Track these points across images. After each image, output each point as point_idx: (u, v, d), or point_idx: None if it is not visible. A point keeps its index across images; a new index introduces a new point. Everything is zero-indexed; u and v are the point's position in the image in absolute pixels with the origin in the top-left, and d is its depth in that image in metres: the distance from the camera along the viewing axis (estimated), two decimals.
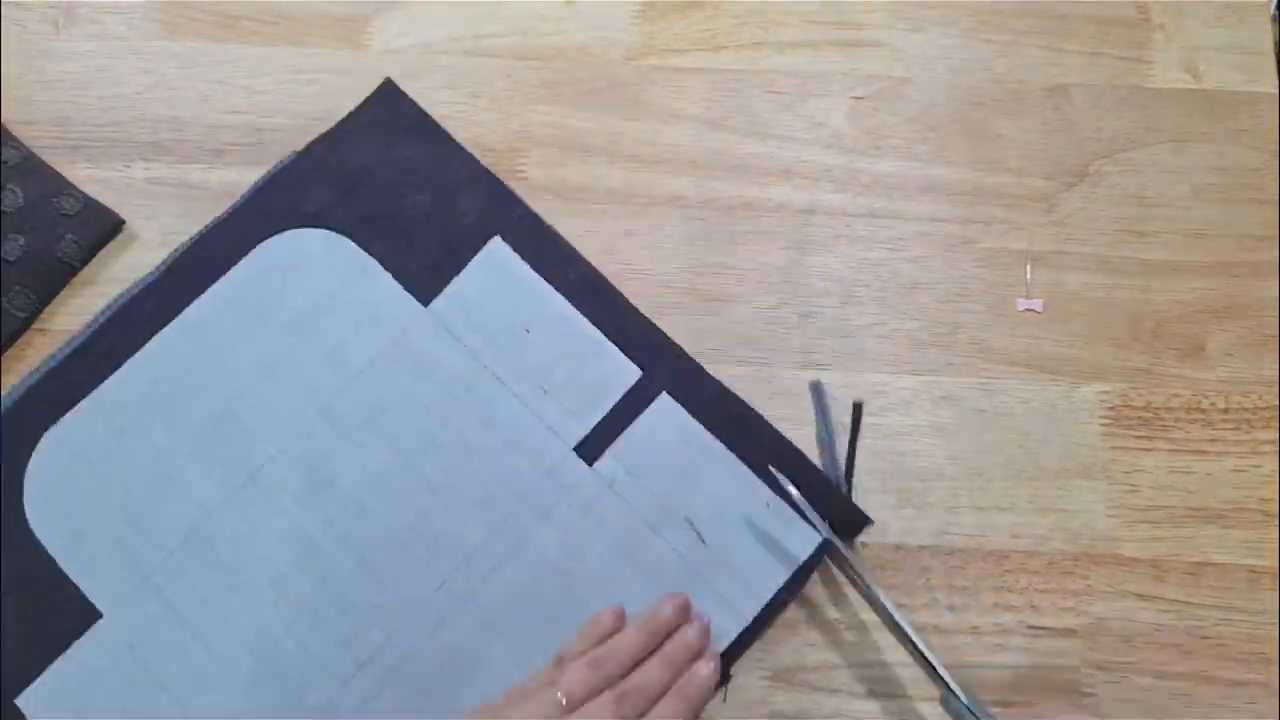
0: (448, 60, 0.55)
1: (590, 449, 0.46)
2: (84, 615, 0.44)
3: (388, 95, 0.53)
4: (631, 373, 0.48)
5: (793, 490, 0.44)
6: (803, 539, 0.45)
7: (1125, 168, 0.53)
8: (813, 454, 0.47)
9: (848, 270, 0.51)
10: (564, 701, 0.38)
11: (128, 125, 0.54)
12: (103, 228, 0.51)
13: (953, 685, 0.40)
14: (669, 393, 0.47)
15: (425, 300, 0.49)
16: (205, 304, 0.49)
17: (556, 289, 0.49)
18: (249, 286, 0.49)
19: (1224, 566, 0.46)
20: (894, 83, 0.55)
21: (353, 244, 0.50)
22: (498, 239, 0.50)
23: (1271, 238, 0.51)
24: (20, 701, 0.42)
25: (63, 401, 0.47)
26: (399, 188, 0.51)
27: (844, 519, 0.46)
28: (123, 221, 0.51)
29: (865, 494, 0.47)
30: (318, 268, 0.50)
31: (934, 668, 0.41)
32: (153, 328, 0.48)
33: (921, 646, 0.41)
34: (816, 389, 0.48)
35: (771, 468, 0.45)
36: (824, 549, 0.45)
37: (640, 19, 0.56)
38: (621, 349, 0.48)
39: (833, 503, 0.45)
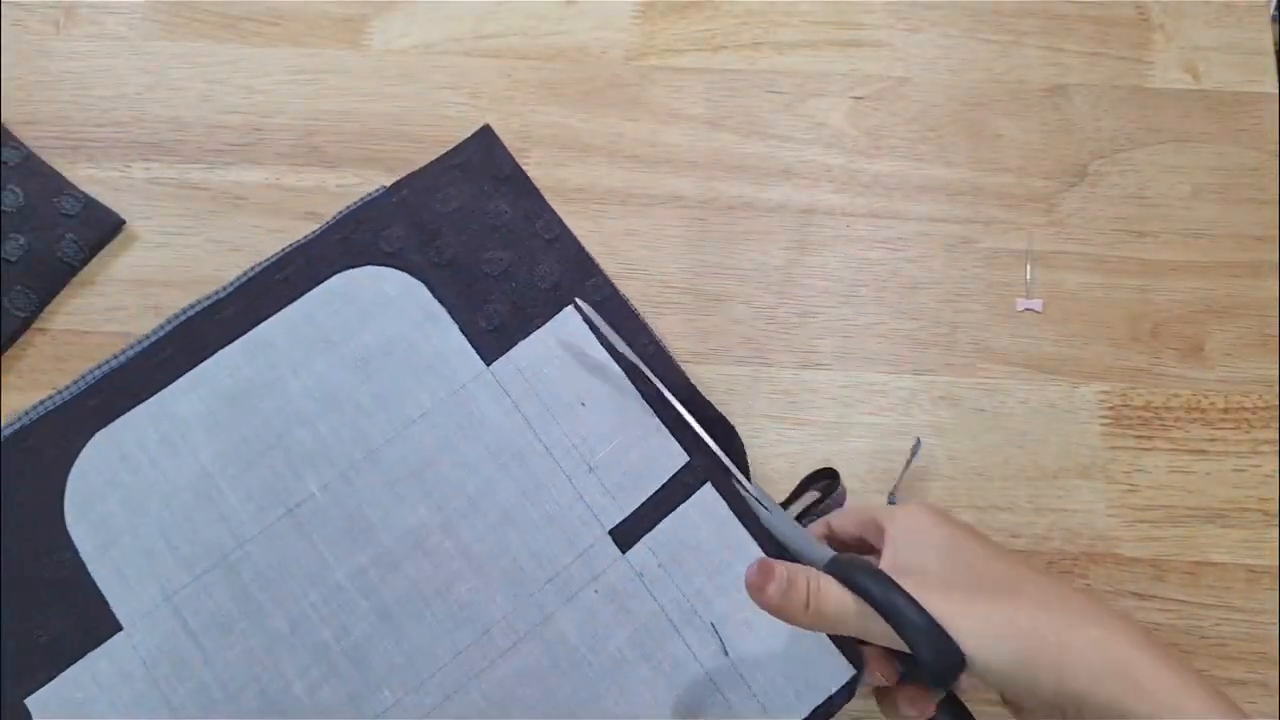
0: (448, 60, 0.55)
1: (626, 533, 0.45)
2: (105, 624, 0.43)
3: (484, 142, 0.53)
4: (678, 457, 0.46)
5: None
6: (833, 669, 0.42)
7: (1125, 168, 0.53)
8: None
9: (847, 270, 0.51)
10: None
11: (128, 125, 0.54)
12: (103, 228, 0.51)
13: (741, 479, 0.43)
14: (713, 483, 0.45)
15: (489, 359, 0.48)
16: (273, 326, 0.48)
17: (619, 364, 0.47)
18: (319, 316, 0.48)
19: (1223, 566, 0.46)
20: (894, 83, 0.55)
21: (427, 290, 0.49)
22: (570, 309, 0.48)
23: (1271, 237, 0.51)
24: (30, 702, 0.42)
25: (118, 403, 0.47)
26: (481, 240, 0.50)
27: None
28: (123, 221, 0.51)
29: (865, 494, 0.47)
30: (390, 309, 0.49)
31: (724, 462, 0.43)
32: (218, 342, 0.48)
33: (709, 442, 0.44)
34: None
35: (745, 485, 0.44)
36: (854, 685, 0.42)
37: (640, 19, 0.56)
38: (671, 429, 0.46)
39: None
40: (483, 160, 0.52)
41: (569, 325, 0.48)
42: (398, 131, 0.54)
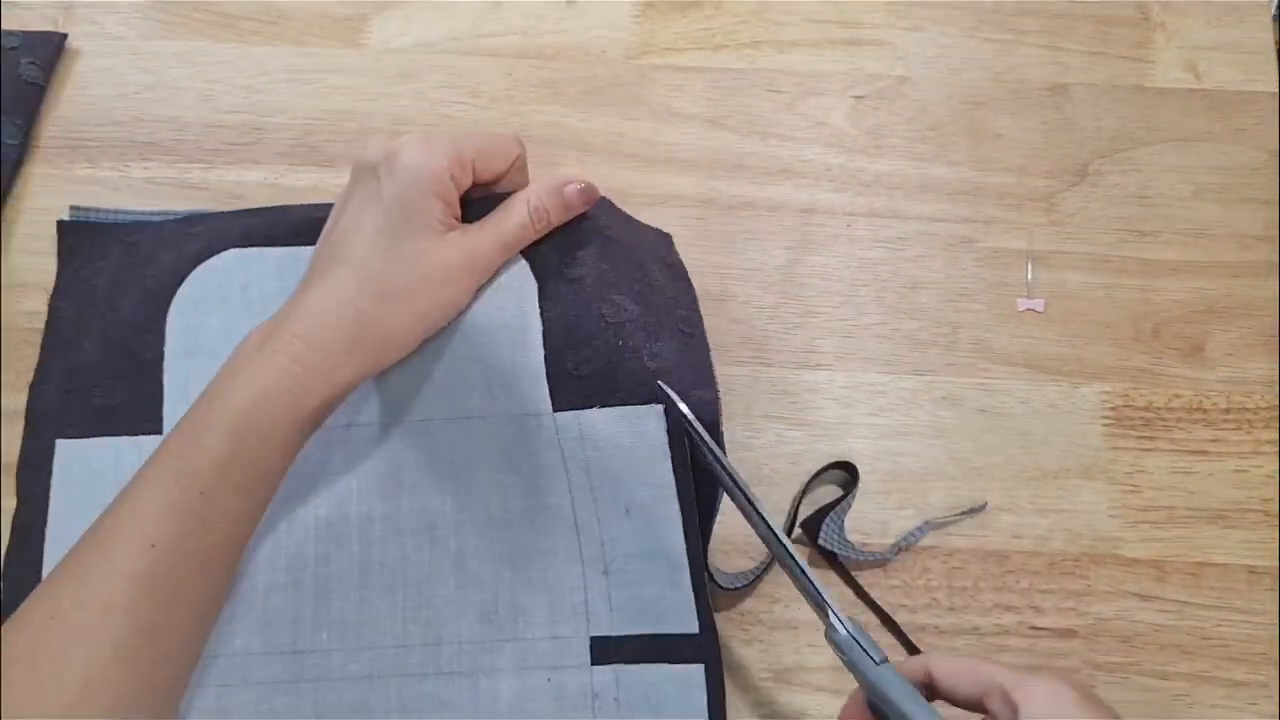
0: (447, 59, 0.55)
1: (605, 649, 0.42)
2: (151, 420, 0.44)
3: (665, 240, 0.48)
4: (689, 625, 0.42)
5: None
6: None
7: (1126, 167, 0.53)
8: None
9: (848, 270, 0.51)
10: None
11: (126, 125, 0.54)
12: (50, 44, 0.54)
13: (835, 611, 0.36)
14: (707, 669, 0.42)
15: (558, 404, 0.42)
16: None
17: (682, 504, 0.42)
18: None
19: (1225, 567, 0.46)
20: (894, 82, 0.55)
21: (535, 294, 0.43)
22: (660, 408, 0.42)
23: (1272, 237, 0.51)
24: (59, 444, 0.45)
25: (268, 234, 0.48)
26: (618, 281, 0.44)
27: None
28: (65, 35, 0.55)
29: (867, 494, 0.47)
30: (497, 290, 0.43)
31: (819, 595, 0.37)
32: None
33: (810, 578, 0.37)
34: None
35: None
36: None
37: (640, 18, 0.56)
38: (696, 592, 0.42)
39: None
40: (656, 245, 0.48)
41: (650, 422, 0.42)
42: (397, 131, 0.53)
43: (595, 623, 0.42)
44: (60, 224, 0.50)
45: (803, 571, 0.37)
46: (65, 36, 0.55)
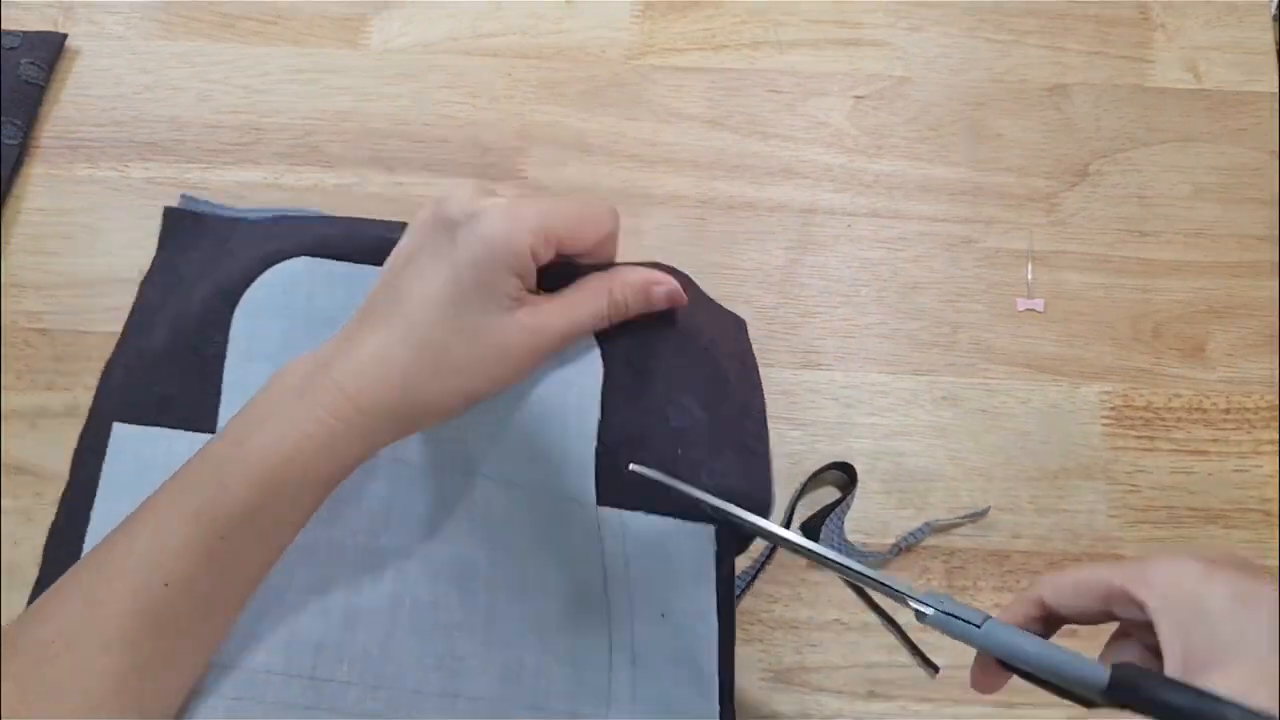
0: (447, 60, 0.55)
1: None
2: (205, 419, 0.44)
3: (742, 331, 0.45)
4: None
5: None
6: None
7: (1126, 167, 0.53)
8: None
9: (848, 270, 0.51)
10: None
11: (126, 125, 0.54)
12: (50, 45, 0.54)
13: (914, 597, 0.34)
14: None
15: (602, 498, 0.39)
16: None
17: (720, 621, 0.39)
18: None
19: None
20: (895, 82, 0.55)
21: (599, 375, 0.39)
22: (713, 530, 0.39)
23: (1272, 237, 0.51)
24: (116, 428, 0.44)
25: (333, 247, 0.45)
26: (686, 379, 0.40)
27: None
28: (65, 35, 0.55)
29: (867, 494, 0.47)
30: (561, 371, 0.40)
31: (894, 590, 0.35)
32: None
33: (880, 579, 0.36)
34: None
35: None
36: None
37: (640, 18, 0.56)
38: (723, 706, 0.39)
39: None
40: (729, 323, 0.44)
41: (700, 541, 0.39)
42: (396, 131, 0.53)
43: (616, 708, 0.40)
44: (167, 210, 0.51)
45: (869, 578, 0.36)
46: (65, 36, 0.55)
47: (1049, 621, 0.33)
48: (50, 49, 0.54)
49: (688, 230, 0.51)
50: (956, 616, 0.33)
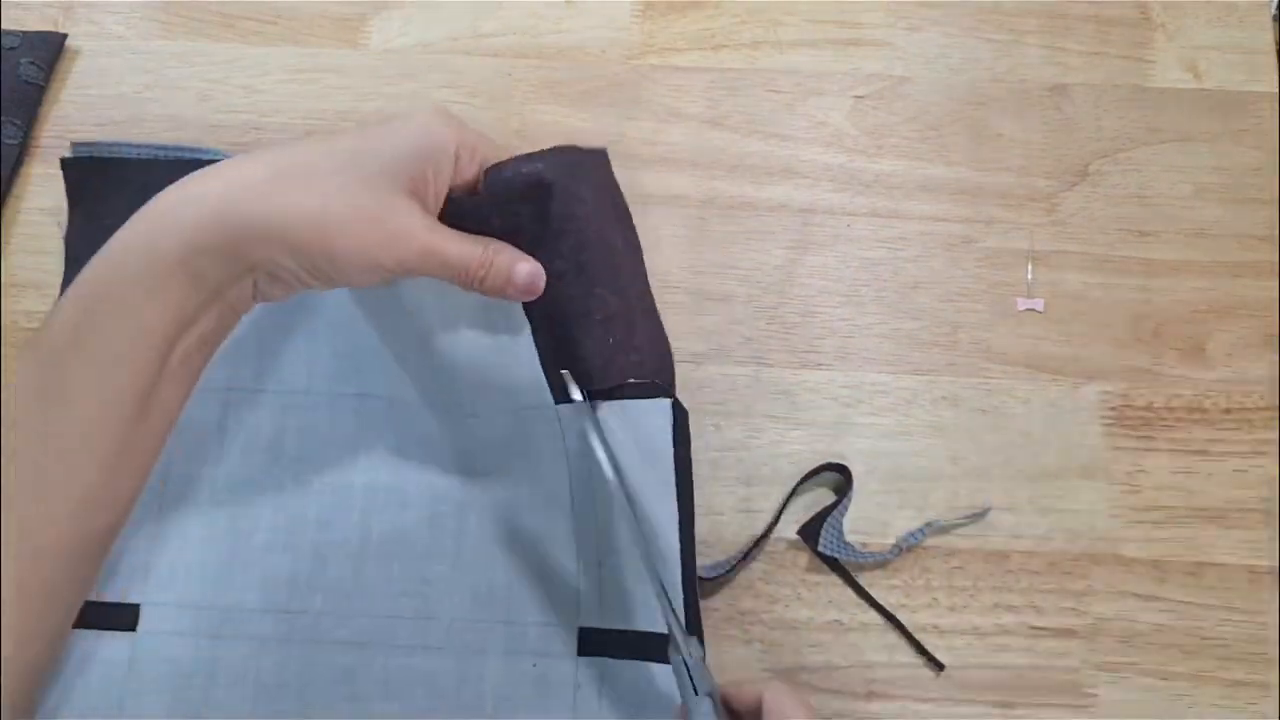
0: (447, 59, 0.55)
1: (593, 642, 0.43)
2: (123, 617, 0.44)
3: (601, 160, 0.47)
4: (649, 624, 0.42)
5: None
6: None
7: (1126, 167, 0.53)
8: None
9: (848, 270, 0.51)
10: None
11: (126, 125, 0.54)
12: (50, 45, 0.54)
13: (679, 637, 0.37)
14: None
15: (558, 398, 0.42)
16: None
17: (680, 503, 0.41)
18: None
19: (1225, 567, 0.46)
20: (894, 82, 0.55)
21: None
22: (668, 404, 0.42)
23: (1272, 237, 0.51)
24: None
25: None
26: (600, 268, 0.42)
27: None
28: (65, 35, 0.55)
29: (867, 494, 0.47)
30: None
31: (672, 618, 0.37)
32: None
33: (670, 598, 0.38)
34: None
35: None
36: None
37: (640, 18, 0.56)
38: (687, 593, 0.41)
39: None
40: (603, 175, 0.46)
41: (656, 418, 0.41)
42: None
43: (585, 614, 0.43)
44: (64, 160, 0.50)
45: (663, 588, 0.38)
46: (65, 36, 0.55)
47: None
48: (50, 49, 0.54)
49: (687, 230, 0.51)
50: (690, 676, 0.36)
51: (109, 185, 0.49)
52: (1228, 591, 0.45)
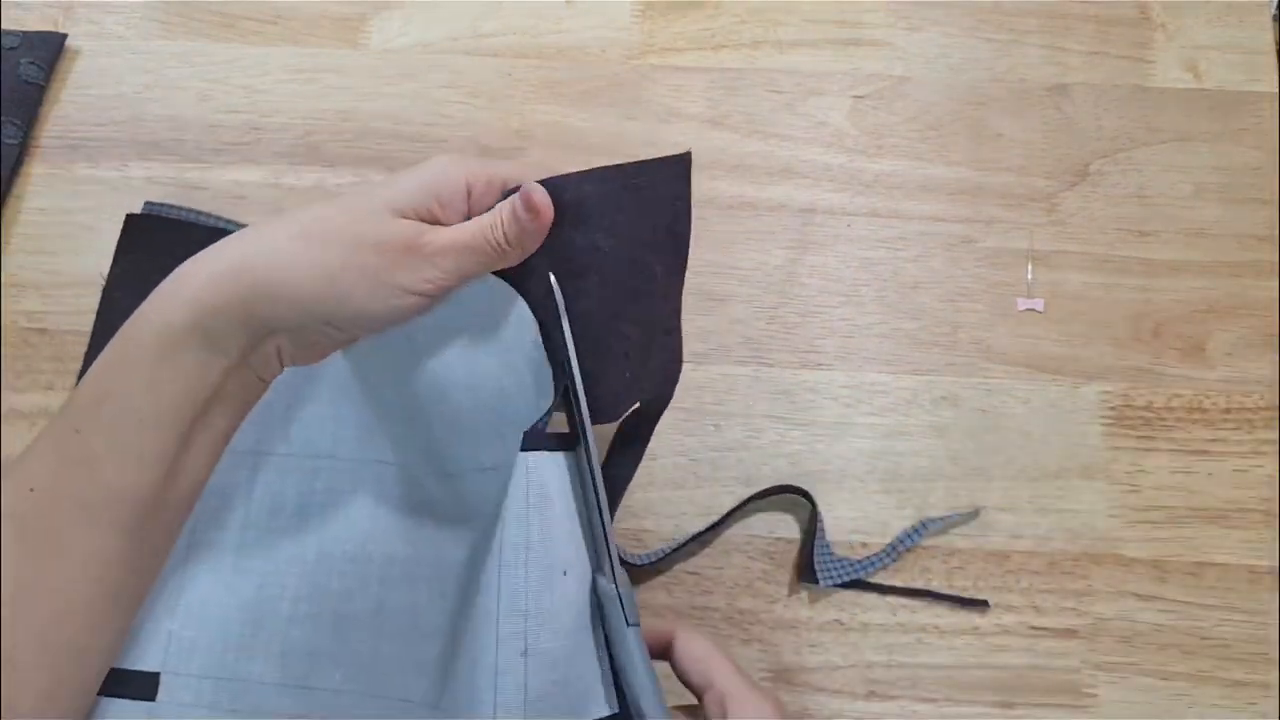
0: (447, 59, 0.55)
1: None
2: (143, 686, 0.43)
3: (676, 171, 0.41)
4: (602, 709, 0.36)
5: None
6: None
7: (1126, 167, 0.53)
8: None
9: (848, 270, 0.51)
10: None
11: (126, 125, 0.54)
12: (50, 45, 0.54)
13: (612, 561, 0.36)
14: None
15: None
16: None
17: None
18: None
19: (1225, 567, 0.46)
20: (894, 82, 0.55)
21: (538, 334, 0.39)
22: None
23: (1272, 237, 0.51)
24: None
25: None
26: (624, 333, 0.39)
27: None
28: (65, 35, 0.55)
29: (866, 494, 0.47)
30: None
31: (606, 543, 0.36)
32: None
33: (606, 523, 0.37)
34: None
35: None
36: None
37: (640, 18, 0.56)
38: (615, 676, 0.37)
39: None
40: (663, 192, 0.40)
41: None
42: (396, 130, 0.53)
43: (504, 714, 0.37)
44: (129, 217, 0.50)
45: (600, 515, 0.37)
46: (65, 36, 0.55)
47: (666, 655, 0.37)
48: (50, 49, 0.54)
49: None
50: (621, 604, 0.36)
51: (164, 244, 0.49)
52: (1228, 591, 0.45)
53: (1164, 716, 0.44)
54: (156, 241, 0.50)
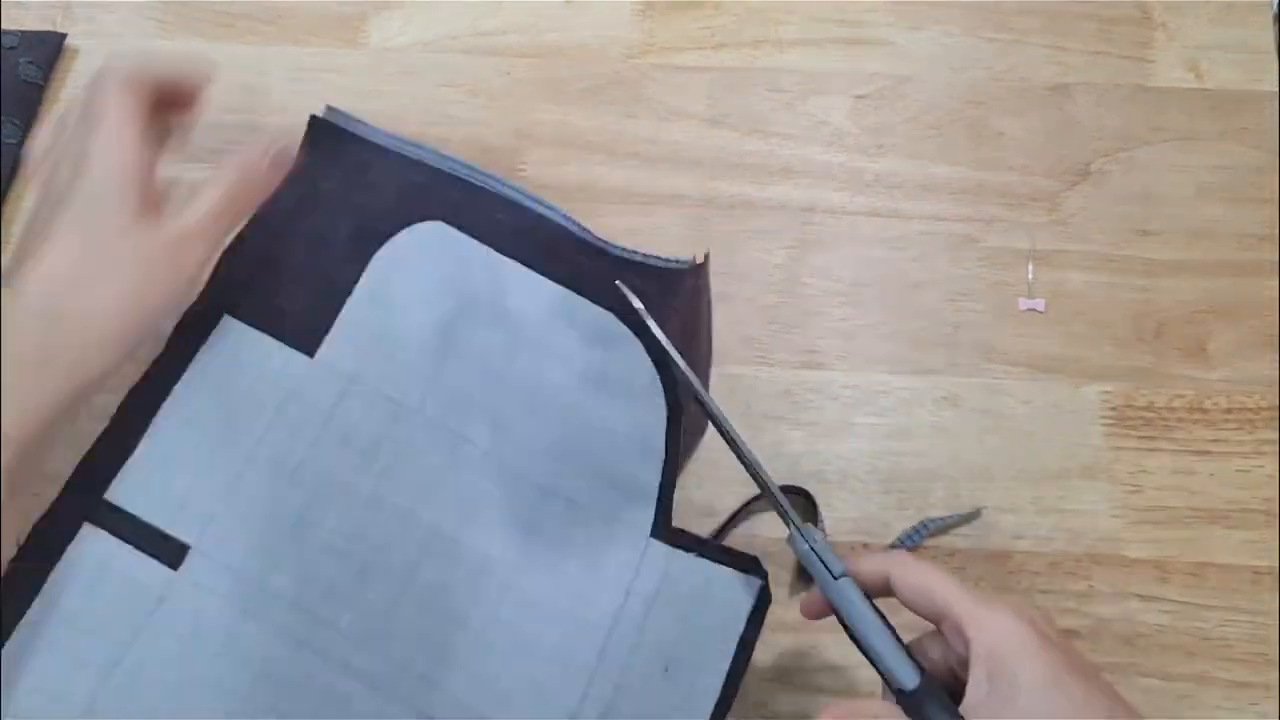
0: (446, 58, 0.55)
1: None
2: (312, 341, 0.45)
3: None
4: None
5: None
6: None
7: (1127, 167, 0.52)
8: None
9: (849, 269, 0.51)
10: None
11: None
12: (49, 45, 0.54)
13: (796, 523, 0.37)
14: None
15: (656, 533, 0.43)
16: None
17: (726, 683, 0.41)
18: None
19: (1227, 567, 0.46)
20: (895, 81, 0.54)
21: (666, 417, 0.45)
22: (760, 584, 0.43)
23: (1273, 237, 0.51)
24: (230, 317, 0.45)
25: (464, 218, 0.47)
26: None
27: None
28: (64, 35, 0.55)
29: (867, 494, 0.47)
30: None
31: (784, 507, 0.38)
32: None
33: (775, 489, 0.38)
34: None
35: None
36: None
37: (641, 17, 0.56)
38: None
39: None
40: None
41: (740, 592, 0.42)
42: (396, 130, 0.53)
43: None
44: (312, 119, 0.49)
45: (766, 485, 0.39)
46: (64, 36, 0.55)
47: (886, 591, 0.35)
48: (49, 48, 0.54)
49: (688, 229, 0.51)
50: (822, 561, 0.36)
51: (335, 154, 0.49)
52: (1230, 592, 0.45)
53: (1166, 717, 0.43)
54: (330, 149, 0.49)
